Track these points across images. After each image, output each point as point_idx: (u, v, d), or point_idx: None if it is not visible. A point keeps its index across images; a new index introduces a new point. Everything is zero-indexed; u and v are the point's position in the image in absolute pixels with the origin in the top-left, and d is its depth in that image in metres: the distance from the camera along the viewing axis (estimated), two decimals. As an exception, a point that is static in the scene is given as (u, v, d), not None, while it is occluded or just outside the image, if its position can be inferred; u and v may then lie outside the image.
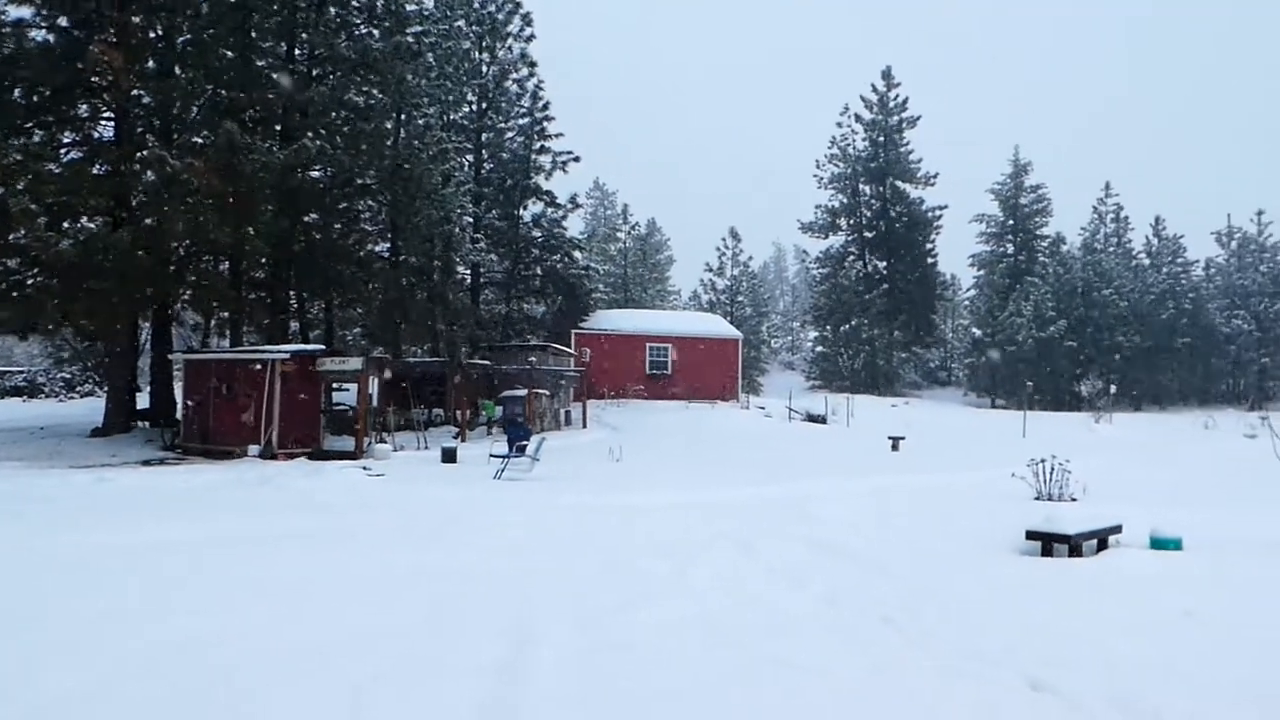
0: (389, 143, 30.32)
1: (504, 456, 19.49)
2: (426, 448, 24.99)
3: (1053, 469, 15.51)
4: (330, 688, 5.14)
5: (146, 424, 26.93)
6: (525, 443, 20.10)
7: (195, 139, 26.12)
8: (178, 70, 26.35)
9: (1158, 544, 10.16)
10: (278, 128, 28.63)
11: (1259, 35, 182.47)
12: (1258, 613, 7.11)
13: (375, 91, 30.02)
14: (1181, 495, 16.39)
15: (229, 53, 26.77)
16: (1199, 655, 5.90)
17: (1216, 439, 36.02)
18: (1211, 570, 8.86)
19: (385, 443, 24.11)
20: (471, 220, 39.38)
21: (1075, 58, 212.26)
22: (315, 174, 29.97)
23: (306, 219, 30.07)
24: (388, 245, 34.26)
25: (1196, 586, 8.12)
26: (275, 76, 28.19)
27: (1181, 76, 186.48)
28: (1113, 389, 54.81)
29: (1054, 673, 5.45)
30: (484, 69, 41.30)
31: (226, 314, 29.72)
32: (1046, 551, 9.89)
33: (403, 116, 31.79)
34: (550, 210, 43.36)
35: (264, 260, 29.24)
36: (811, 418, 39.98)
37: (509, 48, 41.63)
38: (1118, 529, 10.65)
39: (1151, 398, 63.11)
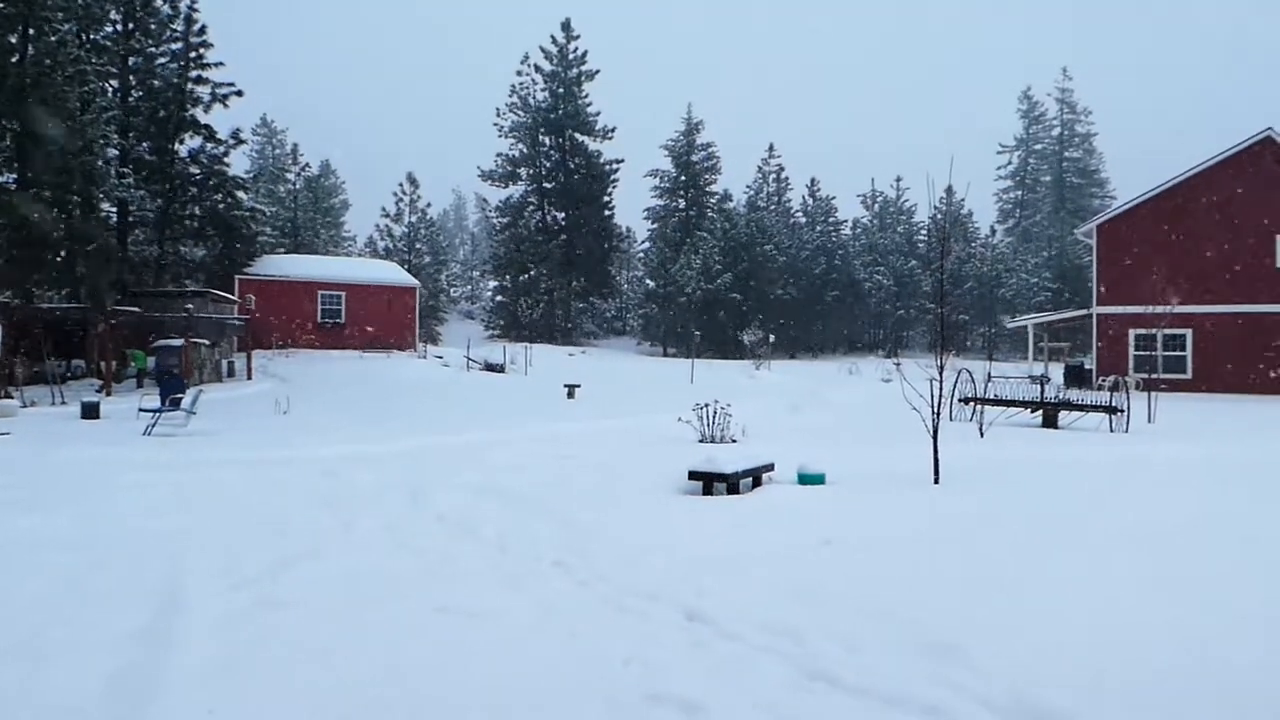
0: (14, 59, 26.76)
1: (155, 411, 17.99)
2: (64, 403, 22.61)
3: (715, 413, 16.41)
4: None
5: None
6: (180, 395, 18.69)
7: None
8: None
9: (805, 479, 11.01)
10: None
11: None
12: (883, 539, 7.84)
13: (-6, -2, 26.36)
14: (828, 434, 17.88)
15: None
16: (835, 580, 6.41)
17: (858, 384, 39.59)
18: (848, 502, 9.70)
19: (12, 398, 21.58)
20: (118, 152, 35.82)
21: (740, 26, 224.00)
22: (-81, 89, 25.97)
23: (-92, 141, 26.06)
24: (15, 176, 30.33)
25: (835, 517, 8.86)
26: None
27: (837, 48, 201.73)
28: (771, 338, 58.89)
29: (709, 603, 5.74)
30: (129, -17, 37.34)
31: None
32: (708, 490, 10.43)
33: (31, 30, 28.12)
34: (210, 146, 40.26)
35: None
36: (490, 367, 40.00)
37: (156, -38, 37.90)
38: (770, 467, 11.43)
39: (805, 346, 68.55)
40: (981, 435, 17.14)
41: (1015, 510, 9.26)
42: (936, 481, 10.92)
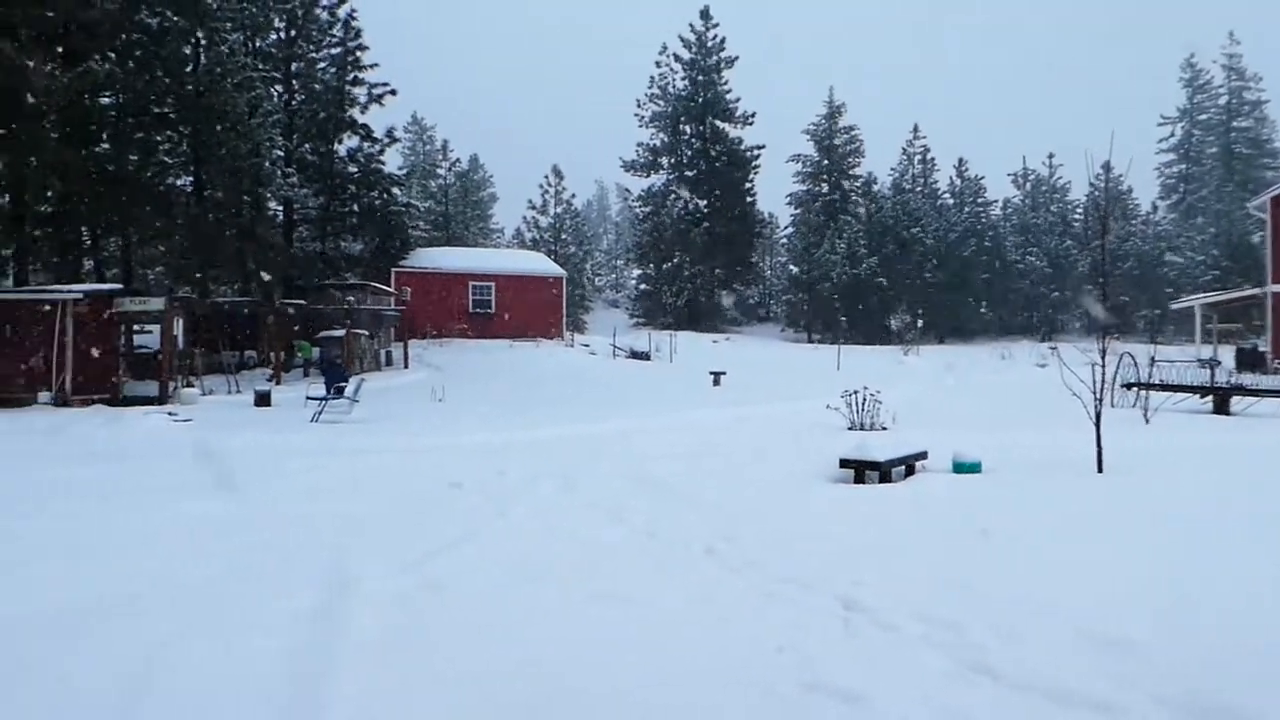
0: (188, 69, 28.45)
1: (321, 399, 18.87)
2: (239, 391, 23.94)
3: (864, 399, 16.17)
4: (124, 645, 4.83)
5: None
6: (344, 384, 19.53)
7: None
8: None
9: (960, 468, 10.75)
10: (59, 49, 26.32)
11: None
12: (1043, 530, 7.59)
13: (170, 13, 27.97)
14: (981, 421, 17.38)
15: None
16: (994, 571, 6.26)
17: (1012, 369, 38.38)
18: (1006, 491, 9.42)
19: (193, 387, 22.98)
20: (282, 154, 37.61)
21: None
22: (106, 100, 27.84)
23: (98, 149, 27.96)
24: (191, 179, 32.29)
25: (993, 506, 8.61)
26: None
27: (987, 28, 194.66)
28: (920, 323, 57.60)
29: (865, 592, 5.67)
30: (291, -7, 39.14)
31: (8, 251, 27.43)
32: (859, 478, 10.30)
33: (203, 41, 29.82)
34: (366, 144, 41.88)
35: (49, 193, 27.04)
36: (635, 354, 40.41)
37: (318, -28, 39.60)
38: (924, 455, 11.21)
39: (955, 330, 66.65)
40: (1147, 422, 16.39)
41: (1186, 501, 8.83)
42: (1100, 470, 10.50)
